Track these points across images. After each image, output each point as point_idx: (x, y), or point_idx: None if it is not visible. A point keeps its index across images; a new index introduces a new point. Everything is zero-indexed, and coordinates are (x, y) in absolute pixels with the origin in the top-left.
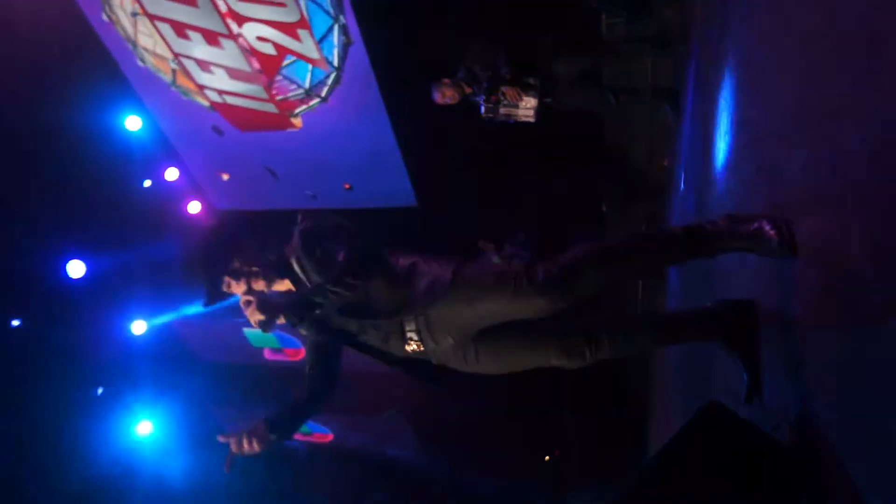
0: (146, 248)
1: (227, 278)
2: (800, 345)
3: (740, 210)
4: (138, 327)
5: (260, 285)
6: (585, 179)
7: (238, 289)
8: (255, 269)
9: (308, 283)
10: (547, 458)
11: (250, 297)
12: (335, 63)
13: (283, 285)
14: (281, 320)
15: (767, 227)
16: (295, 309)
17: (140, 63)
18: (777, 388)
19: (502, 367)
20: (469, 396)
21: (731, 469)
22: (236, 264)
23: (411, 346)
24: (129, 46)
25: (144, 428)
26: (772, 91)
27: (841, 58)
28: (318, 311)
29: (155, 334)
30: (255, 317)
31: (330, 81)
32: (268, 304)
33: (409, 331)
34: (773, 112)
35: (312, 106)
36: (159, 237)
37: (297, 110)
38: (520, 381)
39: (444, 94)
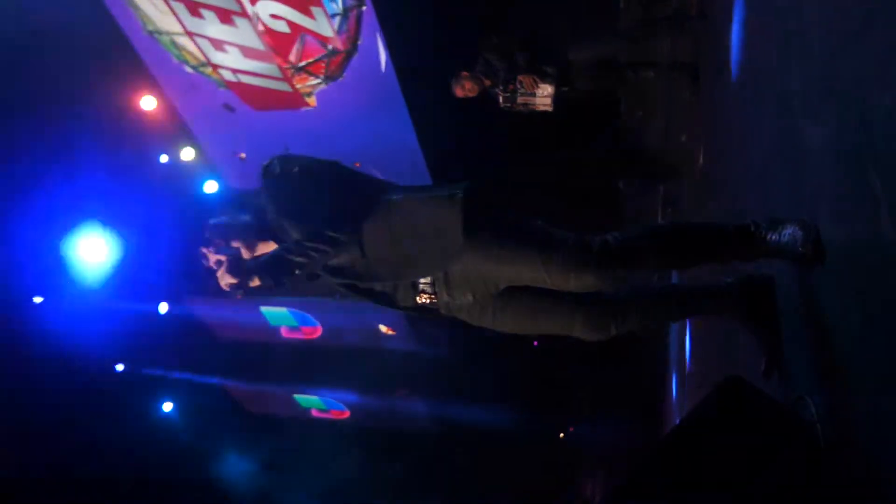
0: (165, 228)
1: (203, 250)
2: (824, 321)
3: (763, 186)
4: (162, 307)
5: (243, 253)
6: (602, 157)
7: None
8: (229, 237)
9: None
10: (561, 434)
11: (221, 258)
12: (350, 42)
13: (269, 247)
14: (255, 283)
15: (800, 236)
16: (269, 270)
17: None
18: (799, 364)
19: (521, 328)
20: (485, 376)
21: (751, 443)
22: (208, 234)
23: (422, 299)
24: (143, 24)
25: (167, 406)
26: (795, 60)
27: (868, 25)
28: (299, 272)
29: (174, 315)
30: (225, 280)
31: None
32: (239, 266)
33: (423, 283)
34: (798, 82)
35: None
36: (177, 217)
37: (310, 83)
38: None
39: (464, 87)
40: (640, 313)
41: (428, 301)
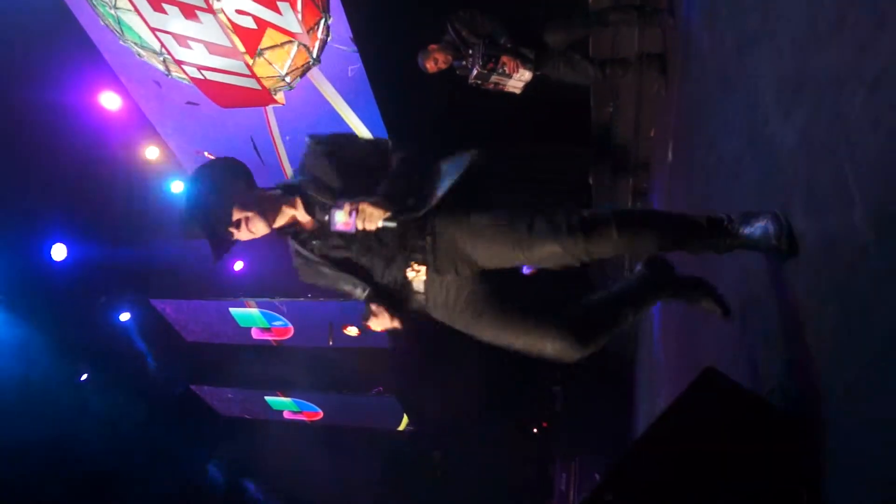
0: (130, 229)
1: (231, 229)
2: (799, 313)
3: (734, 180)
4: (123, 315)
5: (259, 225)
6: (572, 151)
7: (244, 234)
8: (255, 210)
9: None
10: (535, 430)
11: (355, 207)
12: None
13: (290, 209)
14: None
15: (772, 229)
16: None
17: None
18: (773, 356)
19: (496, 336)
20: (458, 369)
21: (729, 434)
22: (236, 212)
23: (412, 270)
24: (106, 23)
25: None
26: (768, 56)
27: (842, 24)
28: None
29: (140, 317)
30: (373, 223)
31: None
32: (380, 203)
33: (415, 254)
34: (771, 78)
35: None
36: (143, 216)
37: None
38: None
39: (437, 60)
40: (611, 325)
41: (415, 275)
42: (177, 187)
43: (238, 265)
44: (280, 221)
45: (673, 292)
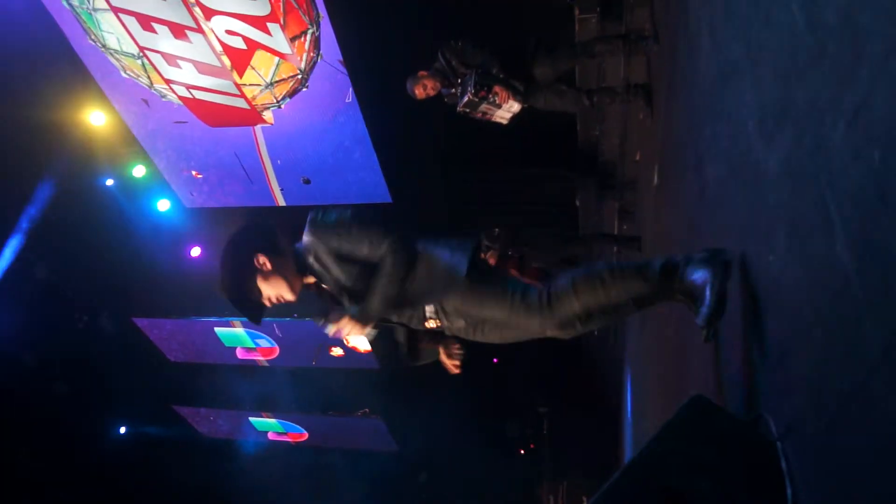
0: (115, 248)
1: (263, 300)
2: (784, 340)
3: (719, 207)
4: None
5: (284, 289)
6: (559, 174)
7: (274, 300)
8: (280, 278)
9: (329, 273)
10: (522, 451)
11: (339, 323)
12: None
13: (307, 280)
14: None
15: (709, 286)
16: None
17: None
18: (757, 382)
19: (503, 339)
20: (444, 391)
21: (716, 460)
22: (261, 290)
23: (430, 324)
24: (93, 42)
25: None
26: (751, 86)
27: (821, 55)
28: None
29: (122, 334)
30: (356, 335)
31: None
32: (361, 319)
33: (430, 314)
34: (753, 107)
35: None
36: (128, 237)
37: (269, 104)
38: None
39: (425, 87)
40: (601, 313)
41: (436, 325)
42: (163, 205)
43: None
44: (299, 288)
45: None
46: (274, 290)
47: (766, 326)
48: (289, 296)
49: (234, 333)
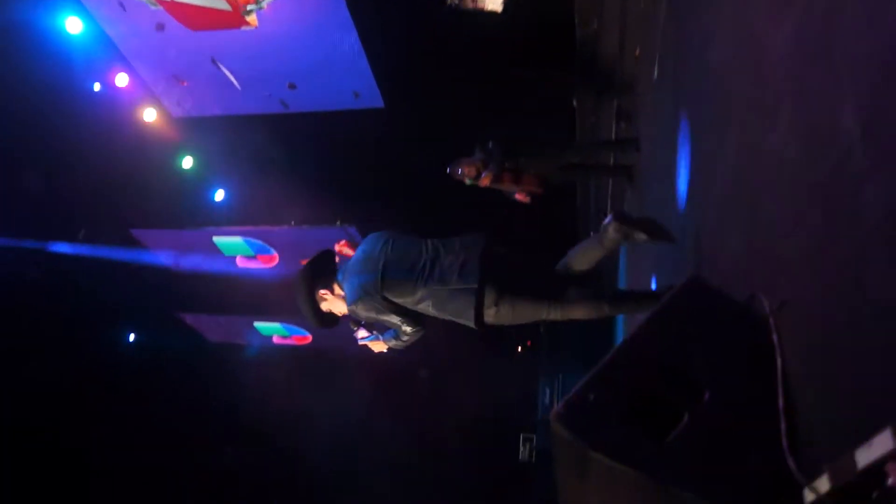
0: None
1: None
2: (779, 217)
3: (718, 89)
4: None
5: (339, 308)
6: (555, 74)
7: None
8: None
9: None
10: (519, 348)
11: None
12: None
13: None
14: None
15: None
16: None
17: None
18: (752, 262)
19: (513, 321)
20: None
21: (711, 338)
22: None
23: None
24: None
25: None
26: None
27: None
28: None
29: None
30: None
31: None
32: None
33: None
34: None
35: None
36: (118, 149)
37: (250, 7)
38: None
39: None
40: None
41: None
42: (149, 114)
43: (219, 194)
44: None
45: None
46: (334, 308)
47: (762, 207)
48: (343, 311)
49: (234, 242)
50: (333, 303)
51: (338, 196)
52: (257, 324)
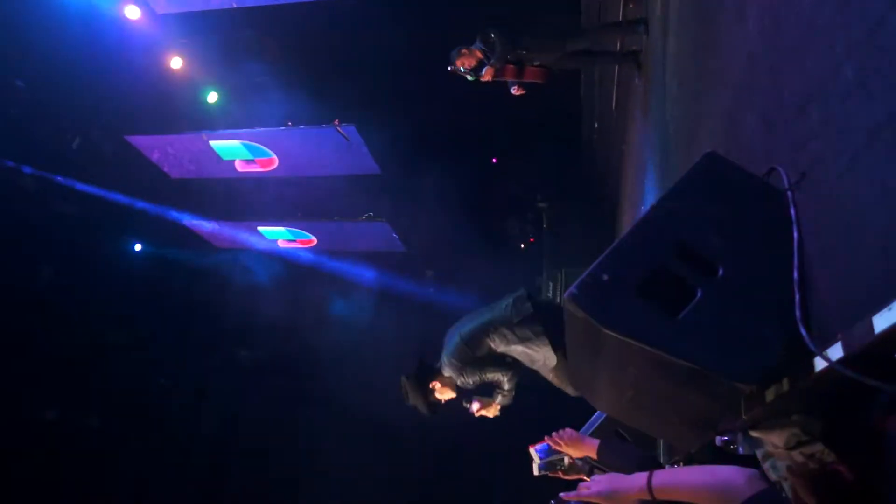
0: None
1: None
2: (801, 90)
3: None
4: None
5: (448, 393)
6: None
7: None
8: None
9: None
10: (522, 245)
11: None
12: None
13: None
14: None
15: None
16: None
17: None
18: (774, 138)
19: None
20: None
21: (729, 213)
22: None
23: None
24: None
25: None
26: None
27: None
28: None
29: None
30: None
31: None
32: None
33: None
34: None
35: None
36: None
37: None
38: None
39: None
40: None
41: None
42: (132, 12)
43: (212, 97)
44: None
45: None
46: (444, 395)
47: (784, 81)
48: (454, 394)
49: (230, 146)
50: (443, 391)
51: (335, 95)
52: (261, 228)
